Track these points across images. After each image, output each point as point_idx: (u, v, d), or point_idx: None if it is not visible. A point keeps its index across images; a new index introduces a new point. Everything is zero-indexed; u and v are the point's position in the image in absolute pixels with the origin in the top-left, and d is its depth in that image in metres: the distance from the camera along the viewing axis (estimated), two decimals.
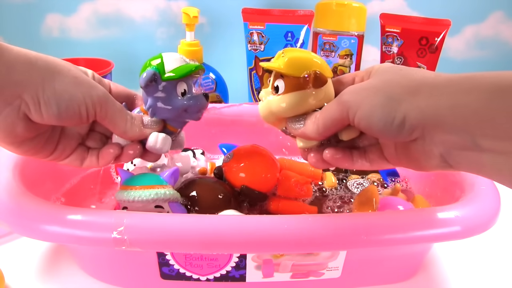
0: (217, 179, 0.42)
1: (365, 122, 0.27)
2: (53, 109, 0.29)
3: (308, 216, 0.32)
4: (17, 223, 0.31)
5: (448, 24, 0.63)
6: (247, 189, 0.40)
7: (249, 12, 0.66)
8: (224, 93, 0.68)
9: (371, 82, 0.29)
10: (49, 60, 0.31)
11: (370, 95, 0.28)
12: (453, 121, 0.25)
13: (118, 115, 0.33)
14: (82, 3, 0.76)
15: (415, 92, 0.26)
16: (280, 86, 0.32)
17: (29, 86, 0.29)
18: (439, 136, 0.26)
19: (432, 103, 0.25)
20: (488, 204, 0.34)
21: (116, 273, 0.37)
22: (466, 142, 0.25)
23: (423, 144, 0.27)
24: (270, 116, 0.33)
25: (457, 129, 0.25)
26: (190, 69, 0.34)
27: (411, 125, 0.26)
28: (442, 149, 0.26)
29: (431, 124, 0.26)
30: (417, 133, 0.27)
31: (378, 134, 0.28)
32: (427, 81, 0.26)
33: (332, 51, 0.68)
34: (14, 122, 0.29)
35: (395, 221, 0.32)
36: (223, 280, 0.36)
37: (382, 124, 0.27)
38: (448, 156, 0.26)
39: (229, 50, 0.80)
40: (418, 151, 0.28)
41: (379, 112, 0.27)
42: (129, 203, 0.34)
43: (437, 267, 0.41)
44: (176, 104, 0.34)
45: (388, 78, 0.29)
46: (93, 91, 0.32)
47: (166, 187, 0.35)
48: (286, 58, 0.32)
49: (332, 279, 0.36)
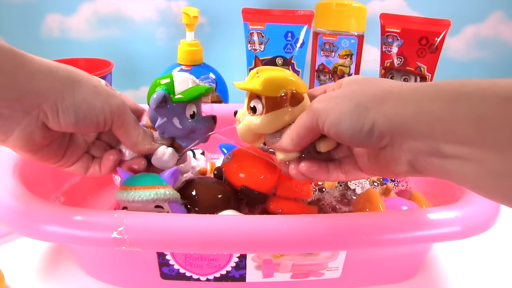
0: (216, 180, 0.42)
1: (334, 130, 0.28)
2: (71, 117, 0.30)
3: (308, 216, 0.32)
4: (17, 223, 0.31)
5: (448, 24, 0.63)
6: (247, 189, 0.40)
7: (249, 12, 0.66)
8: (224, 93, 0.68)
9: (340, 92, 0.30)
10: (70, 70, 0.31)
11: (338, 103, 0.28)
12: (418, 127, 0.25)
13: (133, 126, 0.34)
14: (82, 3, 0.76)
15: (382, 100, 0.27)
16: (258, 107, 0.33)
17: (49, 96, 0.29)
18: (406, 143, 0.26)
19: (399, 111, 0.26)
20: (488, 204, 0.34)
21: (116, 273, 0.37)
22: (431, 149, 0.25)
23: (392, 151, 0.27)
24: (250, 136, 0.34)
25: (422, 136, 0.25)
26: (200, 92, 0.36)
27: (380, 132, 0.27)
28: (409, 155, 0.26)
29: (398, 131, 0.26)
30: (386, 140, 0.27)
31: (347, 141, 0.28)
32: (394, 90, 0.27)
33: (332, 51, 0.68)
34: (33, 131, 0.29)
35: (395, 221, 0.32)
36: (223, 280, 0.36)
37: (351, 131, 0.27)
38: (416, 162, 0.26)
39: (229, 50, 0.80)
40: (387, 158, 0.28)
41: (347, 119, 0.27)
42: (129, 203, 0.34)
43: (437, 267, 0.41)
44: (184, 125, 0.36)
45: (357, 88, 0.29)
46: (112, 100, 0.32)
47: (166, 187, 0.35)
48: (262, 78, 0.33)
49: (332, 279, 0.36)
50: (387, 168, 0.29)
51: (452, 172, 0.25)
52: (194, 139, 0.37)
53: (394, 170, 0.29)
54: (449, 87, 0.24)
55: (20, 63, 0.28)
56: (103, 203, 0.46)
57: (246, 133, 0.34)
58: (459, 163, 0.24)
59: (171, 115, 0.35)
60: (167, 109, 0.35)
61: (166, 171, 0.36)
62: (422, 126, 0.25)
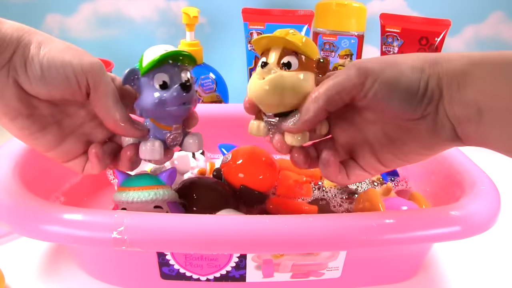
0: (215, 180, 0.42)
1: (388, 88, 0.27)
2: (37, 69, 0.29)
3: (308, 216, 0.32)
4: (17, 223, 0.31)
5: (448, 24, 0.63)
6: (246, 189, 0.40)
7: (249, 12, 0.66)
8: (224, 93, 0.68)
9: (386, 57, 0.29)
10: (44, 33, 0.31)
11: (393, 64, 0.28)
12: (465, 90, 0.26)
13: (111, 94, 0.32)
14: (82, 3, 0.76)
15: (434, 63, 0.28)
16: (293, 63, 0.31)
17: (18, 49, 0.29)
18: (451, 107, 0.27)
19: (449, 73, 0.27)
20: (488, 204, 0.34)
21: (116, 273, 0.37)
22: (474, 114, 0.26)
23: (435, 119, 0.28)
24: (279, 91, 0.30)
25: (467, 100, 0.26)
26: (162, 56, 0.31)
27: (432, 94, 0.27)
28: (454, 121, 0.27)
29: (447, 94, 0.27)
30: (432, 106, 0.28)
31: (396, 104, 0.28)
32: (442, 55, 0.28)
33: (332, 51, 0.68)
34: (4, 88, 0.29)
35: (395, 221, 0.32)
36: (223, 280, 0.36)
37: (407, 91, 0.27)
38: (458, 129, 0.28)
39: (229, 50, 0.80)
40: (426, 128, 0.29)
41: (406, 79, 0.27)
42: (127, 204, 0.34)
43: (437, 267, 0.41)
44: (152, 97, 0.32)
45: (403, 55, 0.30)
46: (85, 57, 0.30)
47: (165, 187, 0.35)
48: (302, 37, 0.31)
49: (332, 279, 0.36)
50: (422, 144, 0.29)
51: (490, 137, 0.26)
52: (172, 115, 0.33)
53: (432, 144, 0.29)
54: (493, 54, 0.26)
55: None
56: (103, 204, 0.46)
57: (278, 85, 0.30)
58: (498, 127, 0.25)
59: (142, 90, 0.33)
60: (138, 85, 0.33)
61: (163, 171, 0.36)
62: (468, 89, 0.26)
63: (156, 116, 0.33)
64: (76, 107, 0.34)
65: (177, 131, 0.34)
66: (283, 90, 0.30)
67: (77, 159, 0.34)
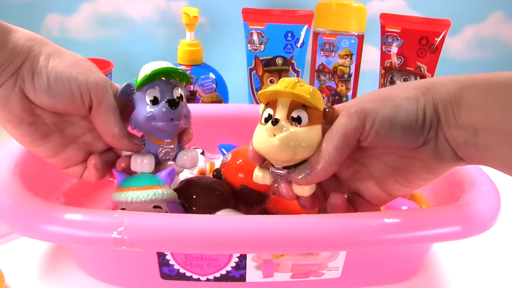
0: (215, 179, 0.42)
1: (388, 124, 0.28)
2: (44, 81, 0.29)
3: (308, 216, 0.32)
4: (17, 223, 0.31)
5: (448, 24, 0.63)
6: (246, 189, 0.40)
7: (249, 12, 0.66)
8: (224, 93, 0.68)
9: (378, 93, 0.30)
10: (52, 43, 0.31)
11: (387, 100, 0.28)
12: (459, 114, 0.27)
13: (112, 111, 0.32)
14: (82, 3, 0.76)
15: (427, 90, 0.28)
16: (303, 117, 0.30)
17: (27, 59, 0.29)
18: (449, 131, 0.28)
19: (443, 97, 0.27)
20: (488, 204, 0.34)
21: (116, 273, 0.37)
22: (470, 136, 0.27)
23: (436, 144, 0.28)
24: (291, 149, 0.30)
25: (462, 123, 0.27)
26: (152, 73, 0.33)
27: (430, 121, 0.28)
28: (453, 144, 0.28)
29: (444, 119, 0.28)
30: (432, 132, 0.28)
31: (399, 137, 0.28)
32: (433, 81, 0.29)
33: (332, 51, 0.68)
34: (10, 95, 0.29)
35: (395, 221, 0.32)
36: (223, 280, 0.36)
37: (408, 122, 0.28)
38: (458, 151, 0.28)
39: (229, 50, 0.80)
40: (429, 154, 0.29)
41: (403, 111, 0.28)
42: (127, 205, 0.34)
43: (437, 267, 0.41)
44: (142, 112, 0.33)
45: (394, 88, 0.30)
46: (91, 74, 0.31)
47: (164, 187, 0.35)
48: (309, 88, 0.30)
49: (332, 279, 0.36)
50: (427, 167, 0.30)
51: (489, 158, 0.27)
52: (162, 130, 0.33)
53: (437, 166, 0.29)
54: (483, 77, 0.27)
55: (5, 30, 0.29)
56: (103, 204, 0.46)
57: (290, 144, 0.30)
58: (493, 148, 0.26)
59: (136, 104, 0.34)
60: (133, 99, 0.34)
61: (162, 171, 0.36)
62: (462, 113, 0.27)
63: (147, 130, 0.35)
64: (79, 117, 0.34)
65: (169, 146, 0.35)
66: (296, 148, 0.30)
67: (76, 166, 0.35)
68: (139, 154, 0.35)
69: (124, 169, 0.35)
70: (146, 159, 0.35)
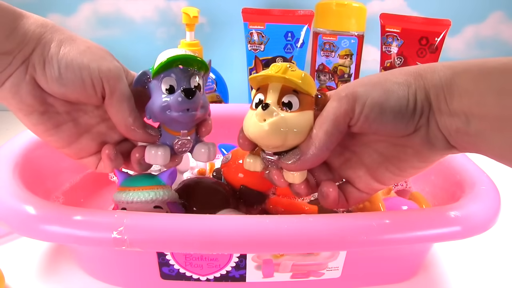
0: (215, 180, 0.42)
1: (379, 109, 0.27)
2: (55, 69, 0.29)
3: (308, 216, 0.32)
4: (17, 223, 0.31)
5: (448, 24, 0.63)
6: (246, 189, 0.40)
7: (249, 12, 0.66)
8: (224, 93, 0.68)
9: (369, 78, 0.29)
10: (65, 29, 0.31)
11: (377, 84, 0.28)
12: (451, 100, 0.26)
13: (126, 100, 0.31)
14: (82, 3, 0.76)
15: (419, 75, 0.28)
16: (294, 103, 0.30)
17: (38, 46, 0.29)
18: (441, 118, 0.27)
19: (435, 83, 0.27)
20: (488, 204, 0.34)
21: (116, 273, 0.37)
22: (462, 123, 0.26)
23: (427, 131, 0.28)
24: (281, 135, 0.29)
25: (454, 110, 0.26)
26: (168, 60, 0.31)
27: (421, 107, 0.27)
28: (445, 132, 0.27)
29: (436, 106, 0.27)
30: (424, 119, 0.28)
31: (389, 123, 0.28)
32: (425, 67, 0.28)
33: (332, 51, 0.68)
34: (20, 84, 0.29)
35: (395, 221, 0.32)
36: (223, 280, 0.36)
37: (398, 108, 0.27)
38: (450, 138, 0.28)
39: (229, 50, 0.80)
40: (421, 141, 0.28)
41: (394, 95, 0.27)
42: (128, 204, 0.34)
43: (437, 267, 0.41)
44: (158, 101, 0.31)
45: (385, 73, 0.29)
46: (104, 62, 0.30)
47: (165, 187, 0.35)
48: (300, 72, 0.30)
49: (332, 279, 0.36)
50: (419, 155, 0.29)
51: (481, 145, 0.26)
52: (177, 120, 0.32)
53: (429, 154, 0.29)
54: (475, 63, 0.26)
55: (16, 15, 0.29)
56: (103, 204, 0.46)
57: (281, 129, 0.29)
58: (485, 135, 0.25)
59: (151, 93, 0.32)
60: (149, 88, 0.32)
61: (164, 172, 0.36)
62: (454, 99, 0.26)
63: (163, 120, 0.33)
64: (93, 106, 0.33)
65: (186, 138, 0.34)
66: (286, 134, 0.29)
67: (91, 157, 0.34)
68: (154, 146, 0.33)
69: (139, 160, 0.34)
70: (160, 150, 0.33)
